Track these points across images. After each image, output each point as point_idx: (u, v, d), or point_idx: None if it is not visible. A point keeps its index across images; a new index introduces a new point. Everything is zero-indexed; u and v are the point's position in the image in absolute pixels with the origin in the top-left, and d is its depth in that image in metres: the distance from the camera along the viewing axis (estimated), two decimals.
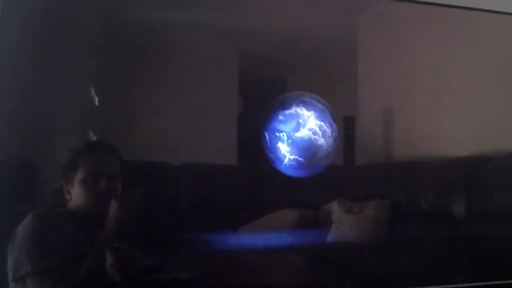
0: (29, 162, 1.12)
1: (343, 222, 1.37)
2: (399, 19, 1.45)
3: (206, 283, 1.16)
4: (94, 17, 1.21)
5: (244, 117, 1.32)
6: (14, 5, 1.11)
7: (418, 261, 1.36)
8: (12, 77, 1.09)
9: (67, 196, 1.09)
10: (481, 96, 1.49)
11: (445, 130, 1.47)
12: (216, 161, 1.29)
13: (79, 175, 1.09)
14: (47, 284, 1.03)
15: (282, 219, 1.31)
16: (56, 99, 1.14)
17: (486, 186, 1.43)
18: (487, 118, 1.48)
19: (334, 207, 1.38)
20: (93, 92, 1.18)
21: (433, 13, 1.43)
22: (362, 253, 1.35)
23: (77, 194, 1.09)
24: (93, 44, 1.20)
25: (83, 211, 1.09)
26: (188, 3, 1.32)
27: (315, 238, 1.36)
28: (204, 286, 1.17)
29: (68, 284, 1.03)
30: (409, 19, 1.45)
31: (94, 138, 1.18)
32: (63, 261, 1.04)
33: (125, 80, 1.22)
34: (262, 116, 1.30)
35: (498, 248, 1.40)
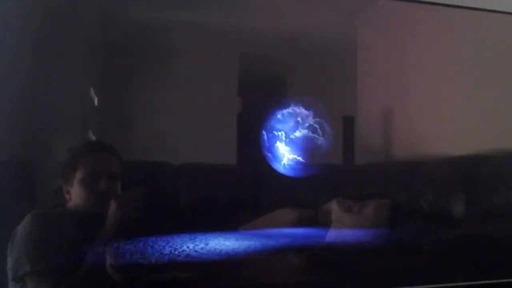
0: (29, 162, 1.13)
1: (343, 222, 1.37)
2: (399, 19, 1.45)
3: (206, 283, 1.16)
4: (94, 17, 1.21)
5: (244, 117, 1.32)
6: (14, 5, 1.11)
7: (418, 261, 1.36)
8: (12, 77, 1.10)
9: (67, 196, 1.10)
10: (481, 96, 1.49)
11: (445, 130, 1.46)
12: (216, 161, 1.29)
13: (79, 175, 1.09)
14: (47, 284, 1.03)
15: (282, 219, 1.31)
16: (56, 99, 1.14)
17: (486, 186, 1.43)
18: (487, 118, 1.48)
19: (334, 207, 1.38)
20: (93, 92, 1.18)
21: (433, 13, 1.44)
22: (362, 253, 1.35)
23: (77, 194, 1.09)
24: (93, 44, 1.21)
25: (83, 211, 1.09)
26: (188, 3, 1.32)
27: (314, 238, 1.36)
28: (204, 286, 1.17)
29: (68, 284, 1.03)
30: (409, 19, 1.45)
31: (94, 138, 1.18)
32: (63, 261, 1.04)
33: (125, 80, 1.22)
34: (262, 116, 1.30)
35: (498, 248, 1.40)
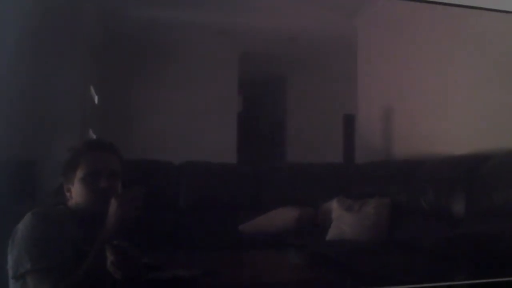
0: (29, 161, 1.13)
1: (343, 220, 1.37)
2: (399, 19, 1.45)
3: (206, 281, 1.16)
4: (94, 17, 1.22)
5: (244, 116, 1.32)
6: (14, 5, 1.11)
7: (418, 259, 1.36)
8: (12, 77, 1.10)
9: (67, 194, 1.10)
10: (481, 95, 1.49)
11: (445, 129, 1.46)
12: (216, 160, 1.29)
13: (79, 174, 1.09)
14: (47, 282, 1.03)
15: (282, 217, 1.31)
16: (56, 99, 1.14)
17: (486, 185, 1.43)
18: (487, 117, 1.48)
19: (334, 205, 1.38)
20: (93, 91, 1.18)
21: (433, 13, 1.44)
22: (362, 251, 1.35)
23: (77, 193, 1.09)
24: (93, 44, 1.21)
25: (83, 210, 1.09)
26: (188, 3, 1.32)
27: (315, 236, 1.36)
28: (204, 284, 1.17)
29: (68, 282, 1.03)
30: (409, 19, 1.45)
31: (94, 137, 1.18)
32: (63, 259, 1.04)
33: (125, 79, 1.22)
34: (262, 115, 1.30)
35: (497, 246, 1.40)
